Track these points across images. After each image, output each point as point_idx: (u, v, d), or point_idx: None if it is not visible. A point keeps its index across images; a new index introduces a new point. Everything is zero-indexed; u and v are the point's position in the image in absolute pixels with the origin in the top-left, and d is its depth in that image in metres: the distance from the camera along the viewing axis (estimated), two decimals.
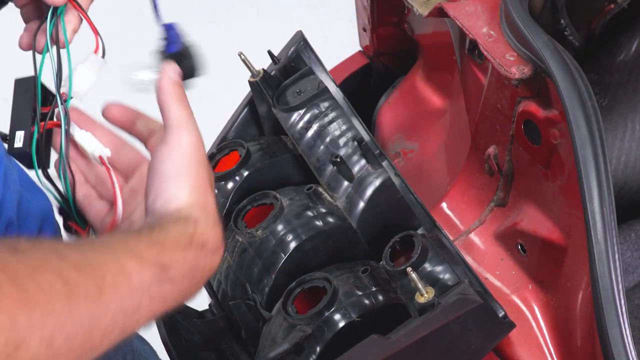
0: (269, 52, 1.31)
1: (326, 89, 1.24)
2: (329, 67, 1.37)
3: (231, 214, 1.21)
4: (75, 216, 1.00)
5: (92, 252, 0.76)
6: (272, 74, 1.28)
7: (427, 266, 1.11)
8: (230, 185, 1.24)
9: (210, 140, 1.38)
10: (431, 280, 1.10)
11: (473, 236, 1.34)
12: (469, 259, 1.31)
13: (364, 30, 1.67)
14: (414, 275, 1.02)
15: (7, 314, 0.65)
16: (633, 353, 1.03)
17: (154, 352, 1.46)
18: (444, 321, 1.02)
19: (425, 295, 1.02)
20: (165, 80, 0.93)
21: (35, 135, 0.95)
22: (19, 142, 0.95)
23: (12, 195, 1.03)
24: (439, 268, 1.11)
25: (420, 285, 1.02)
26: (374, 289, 1.09)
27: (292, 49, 1.30)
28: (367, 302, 1.08)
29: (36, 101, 0.97)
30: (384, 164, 1.19)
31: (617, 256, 1.03)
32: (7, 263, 0.68)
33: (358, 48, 1.74)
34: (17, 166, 1.12)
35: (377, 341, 1.00)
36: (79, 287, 0.71)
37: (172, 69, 0.94)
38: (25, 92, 0.98)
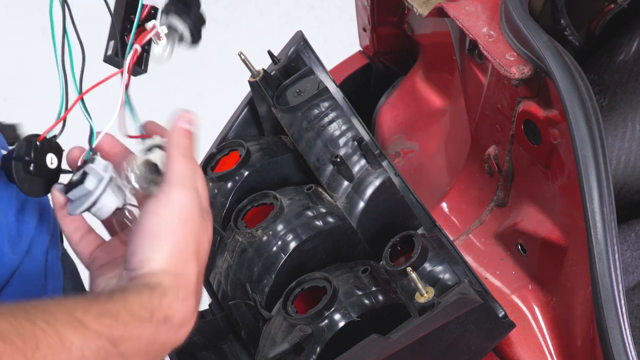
0: (269, 52, 1.31)
1: (326, 89, 1.24)
2: (329, 67, 1.37)
3: (231, 213, 1.21)
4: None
5: (27, 322, 0.70)
6: (272, 74, 1.28)
7: (427, 266, 1.11)
8: (230, 185, 1.24)
9: (210, 140, 1.39)
10: (431, 280, 1.10)
11: (473, 236, 1.34)
12: (469, 259, 1.31)
13: (364, 30, 1.67)
14: (414, 275, 1.02)
15: None
16: (633, 353, 1.03)
17: None
18: (443, 321, 1.03)
19: (425, 295, 1.02)
20: (176, 130, 0.87)
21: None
22: (109, 51, 0.93)
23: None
24: (439, 268, 1.11)
25: (420, 285, 1.02)
26: (374, 288, 1.10)
27: (292, 49, 1.30)
28: (367, 302, 1.08)
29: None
30: (384, 164, 1.20)
31: (617, 256, 1.03)
32: None
33: (358, 48, 1.74)
34: None
35: (377, 341, 1.00)
36: (3, 357, 0.66)
37: (187, 118, 0.88)
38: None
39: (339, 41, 2.42)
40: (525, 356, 1.22)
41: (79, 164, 0.91)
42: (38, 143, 0.91)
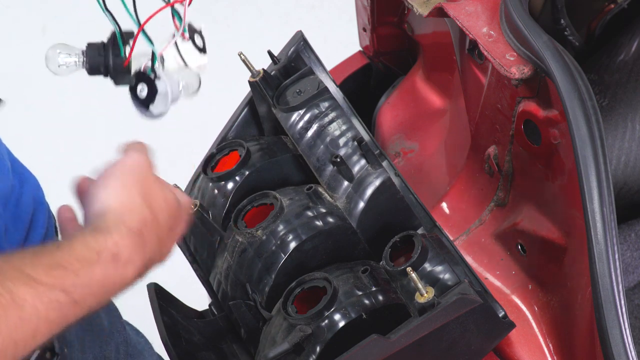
0: (269, 52, 1.31)
1: (326, 89, 1.24)
2: (329, 67, 1.37)
3: (231, 214, 1.21)
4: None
5: None
6: (272, 74, 1.28)
7: (427, 266, 1.11)
8: (230, 185, 1.24)
9: (210, 140, 1.38)
10: (431, 280, 1.10)
11: (473, 236, 1.34)
12: (469, 259, 1.31)
13: (364, 30, 1.67)
14: (414, 275, 1.02)
15: None
16: (633, 353, 1.03)
17: (148, 343, 1.46)
18: (443, 321, 1.02)
19: (425, 295, 1.02)
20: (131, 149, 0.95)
21: None
22: None
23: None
24: (438, 268, 1.11)
25: (420, 285, 1.02)
26: (374, 289, 1.09)
27: (292, 49, 1.30)
28: (367, 302, 1.08)
29: None
30: (384, 164, 1.19)
31: (617, 256, 1.03)
32: None
33: (358, 48, 1.74)
34: (11, 157, 1.13)
35: (377, 341, 1.00)
36: None
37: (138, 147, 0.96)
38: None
39: (339, 41, 2.42)
40: (525, 356, 1.22)
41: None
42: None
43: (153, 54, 1.05)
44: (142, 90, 1.04)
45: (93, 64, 1.02)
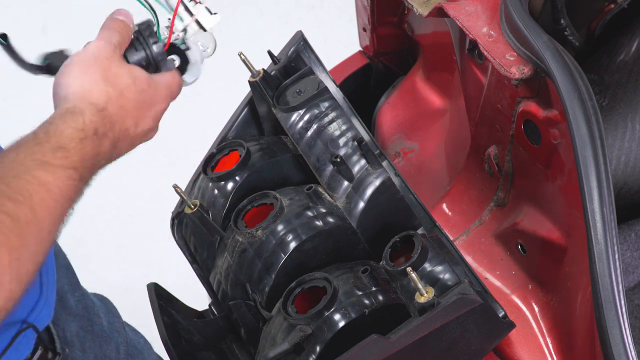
0: (269, 52, 1.31)
1: (326, 89, 1.24)
2: (329, 67, 1.37)
3: (231, 213, 1.21)
4: None
5: (12, 176, 0.84)
6: (272, 74, 1.28)
7: (427, 266, 1.11)
8: (230, 185, 1.24)
9: (210, 140, 1.38)
10: (431, 280, 1.10)
11: (473, 236, 1.34)
12: (469, 259, 1.31)
13: (364, 30, 1.67)
14: (414, 275, 1.02)
15: None
16: (633, 353, 1.03)
17: (147, 343, 1.46)
18: (443, 321, 1.02)
19: (425, 295, 1.02)
20: (110, 18, 1.05)
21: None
22: None
23: None
24: (438, 268, 1.11)
25: (420, 285, 1.02)
26: (373, 288, 1.09)
27: (292, 49, 1.30)
28: (367, 302, 1.08)
29: None
30: (384, 164, 1.19)
31: (617, 256, 1.03)
32: None
33: (358, 48, 1.74)
34: None
35: (377, 341, 1.00)
36: (20, 217, 0.81)
37: (122, 13, 1.07)
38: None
39: (339, 41, 2.42)
40: (525, 356, 1.22)
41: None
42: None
43: (179, 27, 1.10)
44: (175, 61, 1.09)
45: (136, 61, 1.05)
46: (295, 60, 1.30)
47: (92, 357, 1.24)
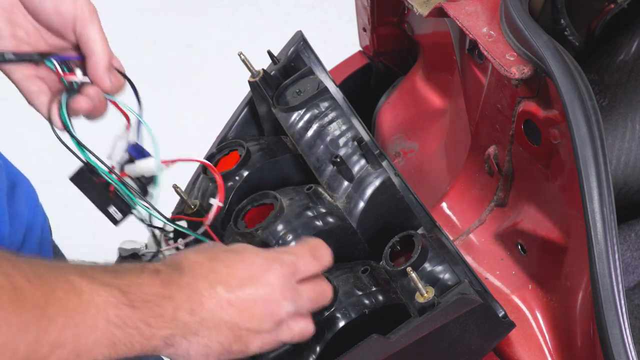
0: (269, 52, 1.31)
1: (326, 89, 1.24)
2: (329, 67, 1.37)
3: (231, 213, 1.20)
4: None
5: (44, 268, 0.75)
6: (272, 74, 1.28)
7: (427, 266, 1.11)
8: (230, 185, 1.24)
9: (210, 140, 1.38)
10: (431, 280, 1.10)
11: (473, 236, 1.34)
12: (469, 259, 1.31)
13: (364, 30, 1.67)
14: (414, 275, 1.02)
15: None
16: (633, 353, 1.02)
17: None
18: (444, 321, 1.02)
19: (425, 295, 1.02)
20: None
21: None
22: (117, 215, 1.07)
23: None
24: (438, 268, 1.11)
25: (420, 285, 1.02)
26: (373, 288, 1.09)
27: (291, 49, 1.30)
28: (367, 301, 1.08)
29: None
30: (384, 163, 1.19)
31: (617, 256, 1.03)
32: None
33: (358, 48, 1.74)
34: (7, 164, 1.12)
35: (377, 341, 1.00)
36: (27, 293, 0.71)
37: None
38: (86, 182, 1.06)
39: (339, 41, 2.42)
40: (525, 356, 1.22)
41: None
42: None
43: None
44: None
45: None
46: (295, 60, 1.30)
47: None
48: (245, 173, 1.24)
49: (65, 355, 0.74)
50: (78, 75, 1.00)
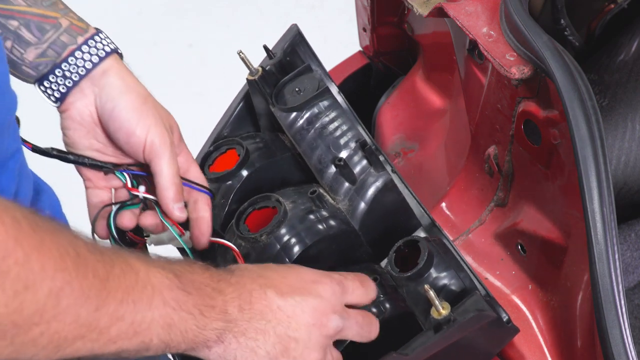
0: (265, 47, 1.29)
1: (327, 89, 1.23)
2: (328, 67, 1.36)
3: (230, 214, 1.20)
4: None
5: (102, 246, 0.77)
6: (268, 68, 1.26)
7: (433, 272, 1.09)
8: (230, 186, 1.23)
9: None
10: (437, 286, 1.09)
11: (473, 236, 1.34)
12: (469, 259, 1.31)
13: (364, 30, 1.67)
14: (432, 292, 0.99)
15: (23, 251, 0.66)
16: (633, 353, 1.02)
17: None
18: (459, 336, 1.01)
19: (442, 311, 0.99)
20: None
21: None
22: None
23: (25, 192, 1.04)
24: (444, 274, 1.09)
25: (437, 302, 0.99)
26: (381, 297, 1.08)
27: (287, 44, 1.29)
28: (376, 312, 1.07)
29: None
30: (381, 159, 1.18)
31: (617, 256, 1.03)
32: (28, 214, 0.70)
33: (358, 48, 1.74)
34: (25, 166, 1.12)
35: (395, 359, 0.99)
36: (89, 262, 0.73)
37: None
38: None
39: (339, 41, 2.42)
40: (525, 356, 1.22)
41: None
42: None
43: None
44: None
45: None
46: (291, 55, 1.29)
47: None
48: (245, 173, 1.24)
49: (124, 328, 0.75)
50: (140, 193, 1.06)
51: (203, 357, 0.85)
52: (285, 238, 1.13)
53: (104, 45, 1.03)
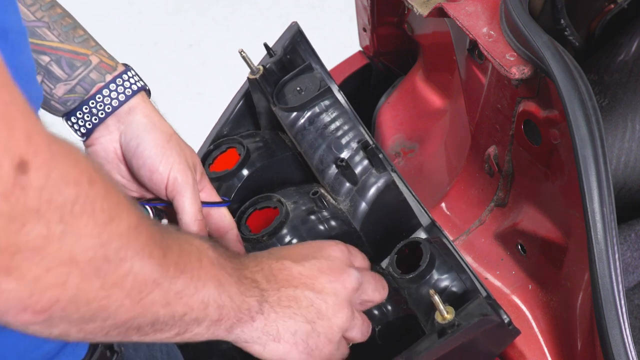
0: (265, 45, 1.28)
1: (329, 89, 1.23)
2: (329, 67, 1.36)
3: (232, 214, 1.20)
4: None
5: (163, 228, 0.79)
6: (268, 66, 1.26)
7: (435, 274, 1.09)
8: (230, 185, 1.23)
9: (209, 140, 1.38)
10: (438, 288, 1.09)
11: (473, 236, 1.34)
12: (469, 259, 1.31)
13: (364, 30, 1.67)
14: (436, 298, 0.98)
15: (103, 184, 0.68)
16: (633, 353, 1.02)
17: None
18: (463, 340, 1.00)
19: (446, 316, 0.98)
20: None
21: None
22: None
23: None
24: (445, 276, 1.09)
25: (441, 307, 0.98)
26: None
27: (287, 41, 1.28)
28: (378, 314, 1.07)
29: None
30: (381, 158, 1.18)
31: (617, 256, 1.03)
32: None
33: (358, 48, 1.74)
34: None
35: None
36: (146, 220, 0.74)
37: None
38: None
39: (339, 41, 2.42)
40: (526, 356, 1.22)
41: None
42: None
43: None
44: None
45: None
46: (291, 53, 1.28)
47: (143, 357, 1.24)
48: (246, 173, 1.24)
49: (187, 282, 0.77)
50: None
51: (247, 333, 0.86)
52: (287, 239, 1.13)
53: (131, 83, 1.04)
